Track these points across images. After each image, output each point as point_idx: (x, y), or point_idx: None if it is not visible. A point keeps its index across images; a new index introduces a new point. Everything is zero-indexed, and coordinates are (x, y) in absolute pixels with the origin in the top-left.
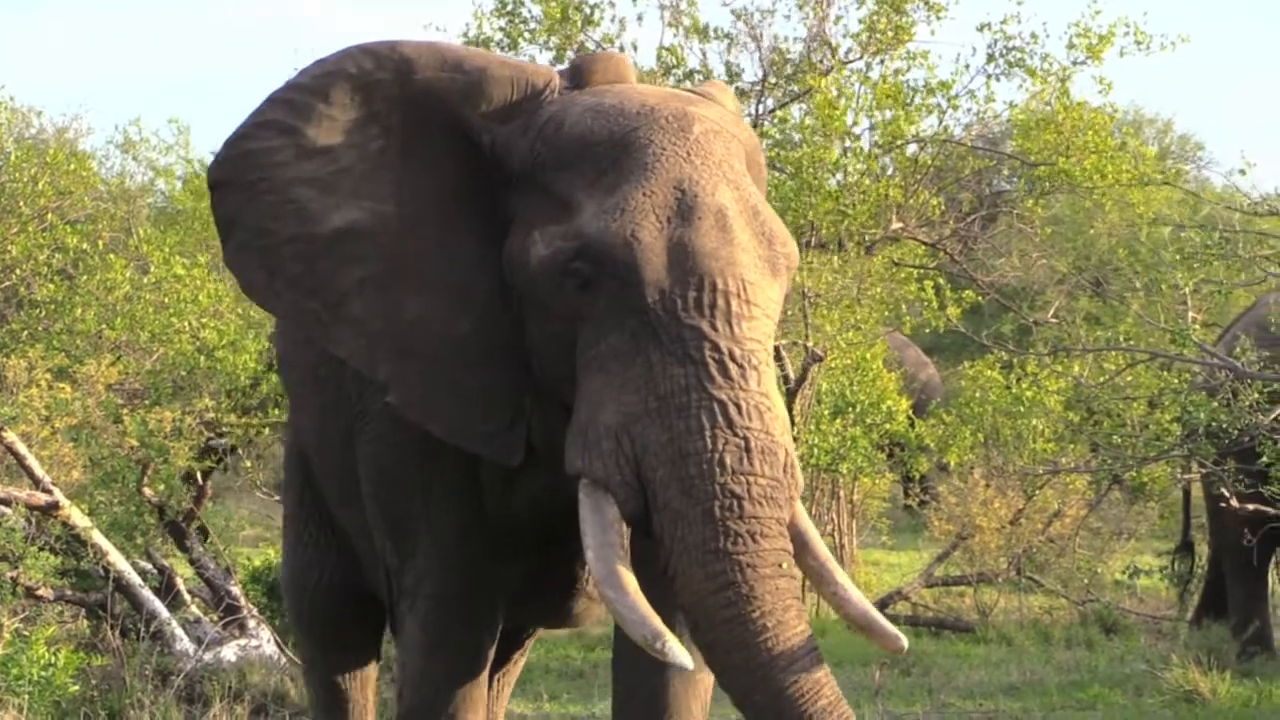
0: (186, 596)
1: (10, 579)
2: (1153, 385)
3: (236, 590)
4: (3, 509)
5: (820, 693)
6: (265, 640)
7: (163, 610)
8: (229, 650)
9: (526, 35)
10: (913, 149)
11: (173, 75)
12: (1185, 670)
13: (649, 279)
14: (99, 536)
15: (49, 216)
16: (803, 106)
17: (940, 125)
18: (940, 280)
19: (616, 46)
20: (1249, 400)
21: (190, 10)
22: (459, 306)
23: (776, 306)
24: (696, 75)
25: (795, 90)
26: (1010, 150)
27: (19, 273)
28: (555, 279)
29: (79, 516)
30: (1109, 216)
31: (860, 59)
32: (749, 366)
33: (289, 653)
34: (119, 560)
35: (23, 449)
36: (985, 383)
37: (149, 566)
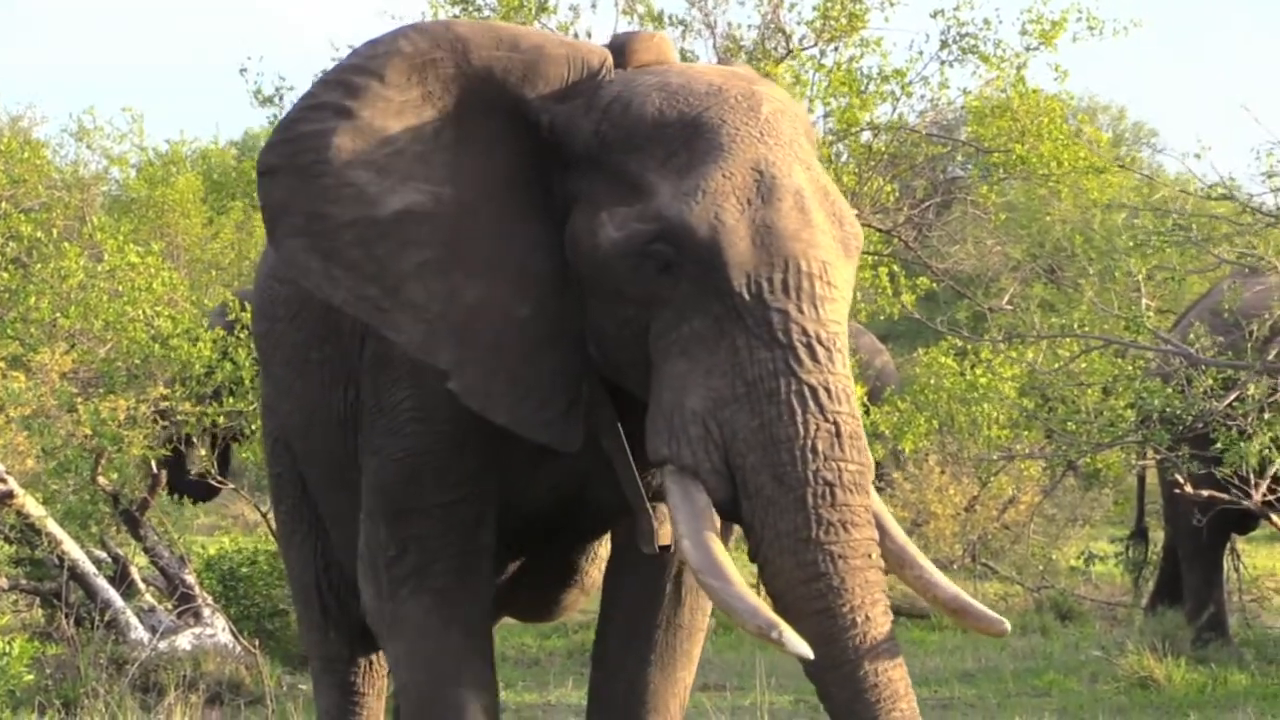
0: (141, 585)
1: None
2: (1107, 372)
3: (191, 579)
4: None
5: (896, 703)
6: (220, 629)
7: (117, 599)
8: (184, 639)
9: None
10: (867, 136)
11: (127, 64)
12: (1140, 656)
13: (734, 262)
14: (53, 525)
15: (2, 205)
16: None
17: (894, 112)
18: (895, 267)
19: (571, 34)
20: (1203, 387)
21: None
22: (518, 290)
23: (850, 287)
24: None
25: None
26: (965, 137)
27: None
28: (632, 262)
29: (33, 505)
30: (1063, 203)
31: (814, 46)
32: (834, 349)
33: (244, 641)
34: (73, 549)
35: None
36: (940, 369)
37: (103, 555)
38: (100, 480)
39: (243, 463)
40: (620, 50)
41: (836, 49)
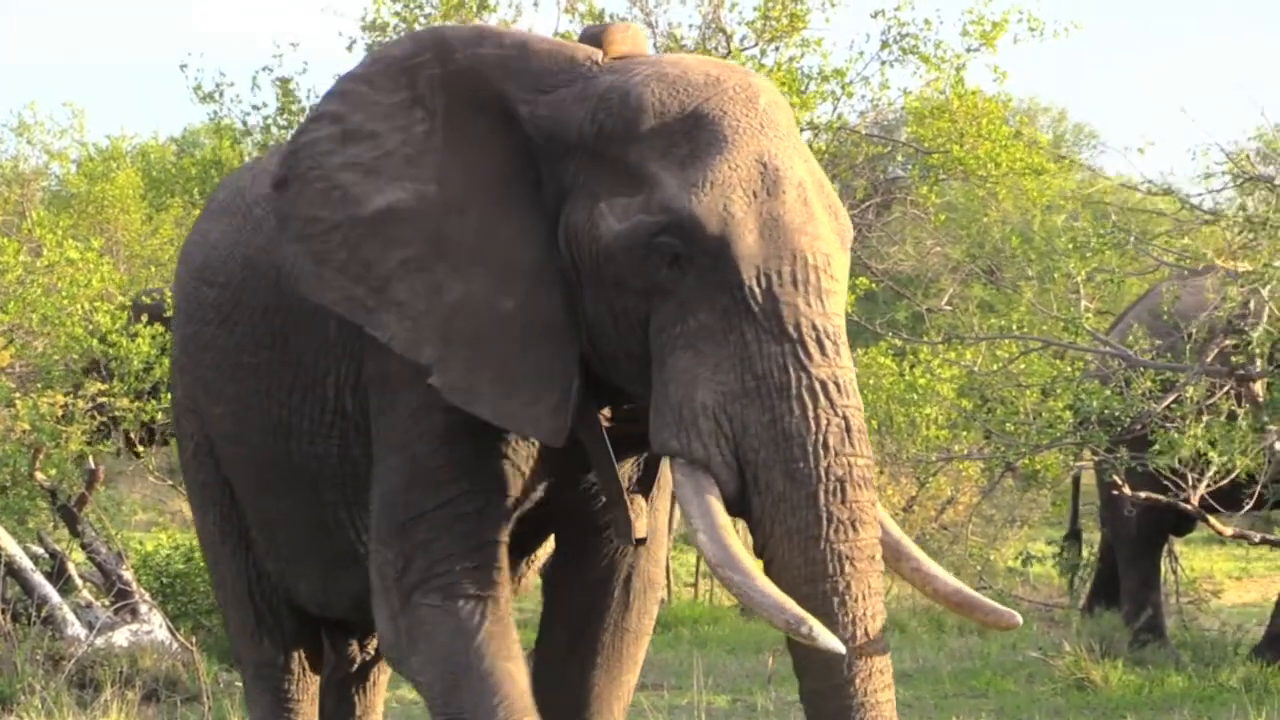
0: (78, 581)
1: None
2: (1046, 373)
3: (128, 575)
4: None
5: (879, 709)
6: (157, 625)
7: (54, 595)
8: (120, 635)
9: (423, 20)
10: (807, 136)
11: (68, 59)
12: (1077, 658)
13: (743, 254)
14: None
15: None
16: None
17: (835, 112)
18: None
19: None
20: (1141, 388)
21: None
22: (502, 284)
23: (847, 279)
24: None
25: None
26: (905, 137)
27: None
28: (638, 253)
29: None
30: (1003, 204)
31: (755, 46)
32: (840, 342)
33: (180, 638)
34: (10, 545)
35: None
36: (879, 370)
37: (40, 551)
38: (38, 476)
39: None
40: (596, 42)
41: (777, 49)
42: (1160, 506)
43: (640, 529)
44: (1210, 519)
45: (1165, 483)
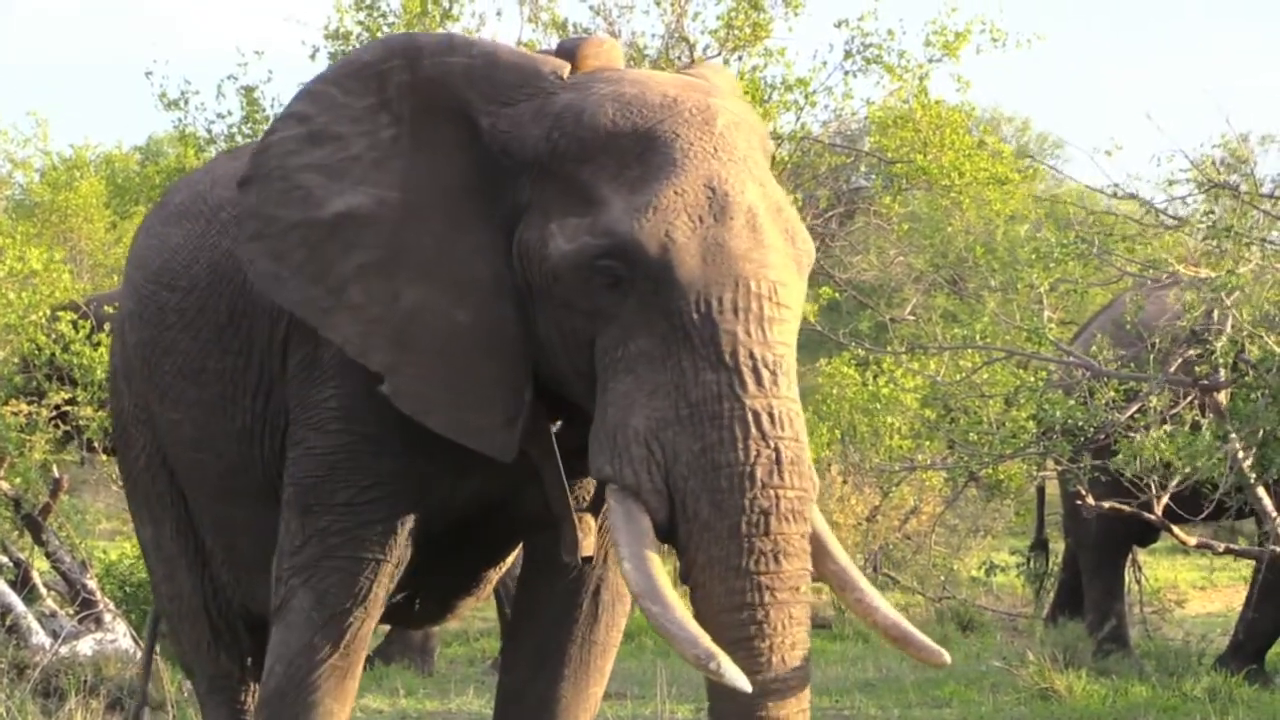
0: (42, 590)
1: None
2: (1009, 383)
3: (93, 584)
4: None
5: None
6: (121, 634)
7: (18, 604)
8: (85, 644)
9: (386, 29)
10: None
11: (32, 67)
12: (1041, 668)
13: (683, 281)
14: None
15: None
16: None
17: (798, 122)
18: None
19: None
20: (1105, 398)
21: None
22: (458, 296)
23: (801, 305)
24: None
25: None
26: (868, 147)
27: None
28: (582, 275)
29: None
30: (966, 214)
31: (718, 55)
32: (780, 371)
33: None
34: None
35: None
36: (842, 380)
37: (4, 560)
38: (2, 484)
39: None
40: (569, 56)
41: (740, 58)
42: (1124, 516)
43: (588, 547)
44: (1174, 529)
45: (1129, 489)
